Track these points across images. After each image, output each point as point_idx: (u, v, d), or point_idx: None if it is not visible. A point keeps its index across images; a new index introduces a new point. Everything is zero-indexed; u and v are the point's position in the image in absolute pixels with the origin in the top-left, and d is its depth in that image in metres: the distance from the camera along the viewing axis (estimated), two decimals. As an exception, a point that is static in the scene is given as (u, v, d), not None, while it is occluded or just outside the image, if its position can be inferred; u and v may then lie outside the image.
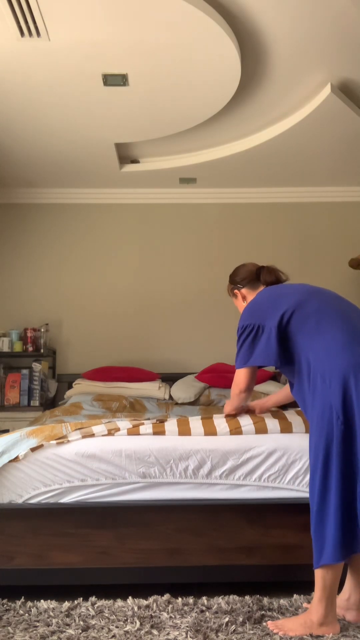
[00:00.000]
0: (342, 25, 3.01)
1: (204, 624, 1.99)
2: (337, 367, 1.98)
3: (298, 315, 2.13)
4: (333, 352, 2.02)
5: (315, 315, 2.12)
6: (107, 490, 2.31)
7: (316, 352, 2.06)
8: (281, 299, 2.20)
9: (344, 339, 2.04)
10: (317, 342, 2.07)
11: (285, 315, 2.14)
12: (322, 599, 1.93)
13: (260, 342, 2.16)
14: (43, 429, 2.42)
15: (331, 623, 1.93)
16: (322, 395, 1.99)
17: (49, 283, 5.10)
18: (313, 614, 1.94)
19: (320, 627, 1.91)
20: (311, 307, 2.15)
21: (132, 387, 4.46)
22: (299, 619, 1.96)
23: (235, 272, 2.54)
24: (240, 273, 2.51)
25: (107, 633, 1.93)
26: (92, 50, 3.14)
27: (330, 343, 2.04)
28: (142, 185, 5.07)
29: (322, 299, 2.20)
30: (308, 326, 2.11)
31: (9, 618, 2.05)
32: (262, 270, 2.45)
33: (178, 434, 2.37)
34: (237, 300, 2.53)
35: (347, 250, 5.05)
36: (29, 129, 4.04)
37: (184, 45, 3.11)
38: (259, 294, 2.35)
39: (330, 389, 1.97)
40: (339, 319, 2.11)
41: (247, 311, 2.28)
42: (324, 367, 2.01)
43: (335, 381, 1.97)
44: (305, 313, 2.13)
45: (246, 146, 4.35)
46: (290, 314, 2.14)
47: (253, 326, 2.19)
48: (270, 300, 2.24)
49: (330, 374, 1.99)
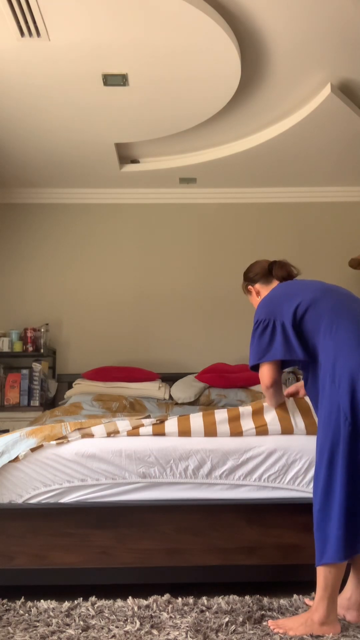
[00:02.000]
0: (342, 25, 3.01)
1: (204, 624, 1.99)
2: (347, 369, 1.98)
3: (311, 314, 2.13)
4: (344, 354, 2.01)
5: (329, 315, 2.11)
6: (107, 490, 2.31)
7: (327, 352, 2.05)
8: (295, 296, 2.20)
9: (353, 341, 2.03)
10: (328, 342, 2.06)
11: (298, 312, 2.14)
12: (324, 598, 1.93)
13: (277, 336, 2.14)
14: (42, 429, 2.42)
15: (332, 623, 1.92)
16: (330, 396, 1.99)
17: (49, 283, 5.10)
18: (314, 613, 1.94)
19: (321, 626, 1.91)
20: (325, 306, 2.14)
21: (132, 387, 4.46)
22: (299, 618, 1.96)
23: (249, 269, 2.55)
24: (254, 269, 2.52)
25: (107, 633, 1.93)
26: (92, 50, 3.14)
27: (342, 344, 2.03)
28: (142, 185, 5.07)
29: (337, 298, 2.19)
30: (321, 325, 2.10)
31: (9, 618, 2.05)
32: (274, 265, 2.46)
33: (178, 434, 2.37)
34: (251, 296, 2.54)
35: (347, 250, 5.05)
36: (29, 129, 4.04)
37: (184, 45, 3.11)
38: (273, 290, 2.35)
39: (339, 390, 1.97)
40: (353, 320, 2.09)
41: (261, 306, 2.27)
42: (334, 368, 2.01)
43: (344, 382, 1.96)
44: (319, 312, 2.13)
45: (246, 146, 4.35)
46: (304, 311, 2.14)
47: (268, 321, 2.18)
48: (284, 296, 2.23)
49: (340, 375, 1.98)
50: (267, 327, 2.17)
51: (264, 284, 2.48)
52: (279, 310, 2.18)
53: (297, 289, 2.25)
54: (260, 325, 2.20)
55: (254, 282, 2.51)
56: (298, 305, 2.15)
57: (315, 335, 2.11)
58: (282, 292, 2.28)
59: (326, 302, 2.15)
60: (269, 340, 2.16)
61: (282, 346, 2.12)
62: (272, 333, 2.16)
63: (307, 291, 2.21)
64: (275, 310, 2.19)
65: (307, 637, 1.89)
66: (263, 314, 2.21)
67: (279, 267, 2.46)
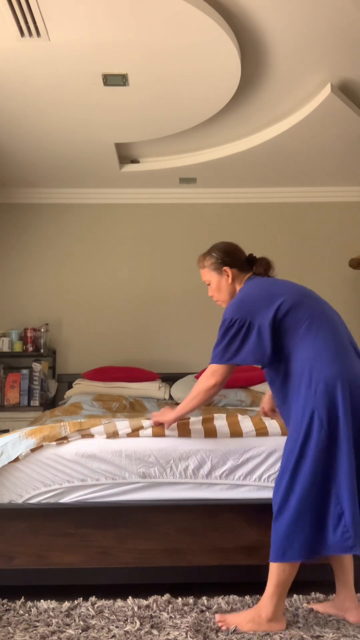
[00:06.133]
0: (342, 25, 3.01)
1: (204, 624, 1.99)
2: (325, 375, 1.96)
3: (292, 316, 2.07)
4: (322, 360, 1.99)
5: (308, 319, 2.07)
6: (107, 490, 2.31)
7: (304, 357, 2.02)
8: (275, 297, 2.11)
9: (334, 348, 2.02)
10: (306, 346, 2.03)
11: (279, 314, 2.07)
12: (274, 595, 1.94)
13: (250, 339, 2.06)
14: (42, 429, 2.41)
15: (279, 619, 1.96)
16: (305, 400, 1.97)
17: (49, 283, 5.10)
18: (262, 609, 1.95)
19: (268, 623, 1.94)
20: (305, 310, 2.09)
21: (132, 387, 4.46)
22: (247, 614, 1.98)
23: (228, 249, 2.36)
24: (235, 253, 2.36)
25: (107, 633, 1.93)
26: (92, 50, 3.14)
27: (321, 350, 2.01)
28: (142, 185, 5.07)
29: (315, 304, 2.15)
30: (300, 329, 2.06)
31: (9, 618, 2.05)
32: (258, 260, 2.35)
33: (178, 436, 2.37)
34: (221, 277, 2.32)
35: (347, 250, 5.05)
36: (29, 129, 4.04)
37: (184, 45, 3.11)
38: (249, 284, 2.24)
39: (316, 396, 1.95)
40: (329, 327, 2.07)
41: (238, 303, 2.15)
42: (312, 373, 1.98)
43: (322, 389, 1.94)
44: (299, 315, 2.08)
45: (246, 146, 4.35)
46: (285, 312, 2.07)
47: (244, 321, 2.08)
48: (263, 296, 2.13)
49: (317, 381, 1.96)
50: (241, 328, 2.08)
51: (239, 272, 2.31)
52: (259, 311, 2.09)
53: (279, 288, 2.17)
54: (235, 325, 2.09)
55: (231, 266, 2.32)
56: (281, 304, 2.08)
57: (292, 337, 2.06)
58: (263, 291, 2.17)
59: (307, 307, 2.11)
60: (241, 343, 2.08)
61: (253, 351, 2.05)
62: (245, 335, 2.07)
63: (289, 292, 2.14)
64: (254, 310, 2.09)
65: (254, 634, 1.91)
66: (240, 313, 2.10)
67: (263, 264, 2.33)
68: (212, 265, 2.35)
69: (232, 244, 2.41)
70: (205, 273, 2.37)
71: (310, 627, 1.97)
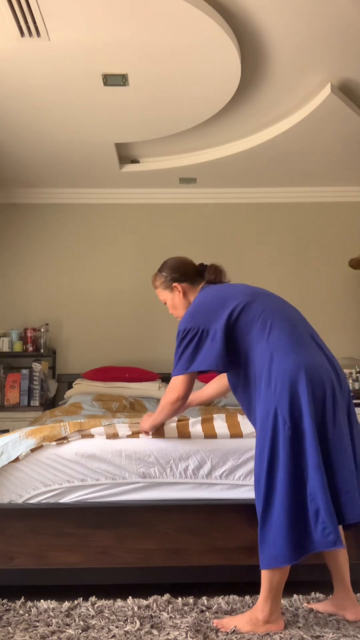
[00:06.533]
0: (342, 25, 3.01)
1: (204, 624, 1.99)
2: (283, 372, 1.95)
3: (244, 317, 2.07)
4: (279, 356, 1.98)
5: (261, 317, 2.07)
6: (107, 490, 2.31)
7: (262, 355, 2.02)
8: (227, 301, 2.11)
9: (289, 342, 2.01)
10: (262, 345, 2.03)
11: (232, 317, 2.07)
12: (268, 598, 1.95)
13: (204, 346, 2.06)
14: (42, 429, 2.41)
15: (276, 620, 1.95)
16: (266, 400, 1.96)
17: (49, 283, 5.10)
18: (259, 612, 1.95)
19: (265, 624, 1.94)
20: (257, 308, 2.09)
21: (132, 387, 4.46)
22: (244, 617, 1.98)
23: (176, 265, 2.37)
24: (183, 267, 2.36)
25: (107, 633, 1.93)
26: (92, 50, 3.14)
27: (276, 346, 2.00)
28: (142, 185, 5.07)
29: (267, 300, 2.15)
30: (254, 328, 2.06)
31: (9, 618, 2.05)
32: (207, 268, 2.35)
33: (177, 437, 2.37)
34: (173, 294, 2.34)
35: (347, 250, 5.04)
36: (29, 129, 4.04)
37: (184, 45, 3.11)
38: (202, 293, 2.24)
39: (276, 393, 1.94)
40: (285, 322, 2.07)
41: (191, 313, 2.15)
42: (270, 371, 1.97)
43: (281, 385, 1.94)
44: (252, 315, 2.08)
45: (246, 146, 4.35)
46: (237, 315, 2.07)
47: (197, 330, 2.08)
48: (216, 302, 2.14)
49: (276, 377, 1.95)
50: (194, 337, 2.08)
51: (191, 285, 2.32)
52: (213, 317, 2.09)
53: (231, 293, 2.16)
54: (188, 335, 2.09)
55: (181, 281, 2.33)
56: (234, 309, 2.08)
57: (247, 339, 2.06)
58: (215, 298, 2.17)
59: (258, 305, 2.10)
60: (194, 350, 2.08)
61: (208, 356, 2.05)
62: (198, 343, 2.08)
63: (240, 295, 2.14)
64: (208, 318, 2.09)
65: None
66: (192, 322, 2.11)
67: (213, 271, 2.33)
68: (162, 285, 2.38)
69: (179, 258, 2.42)
70: (160, 293, 2.40)
71: (310, 627, 1.97)
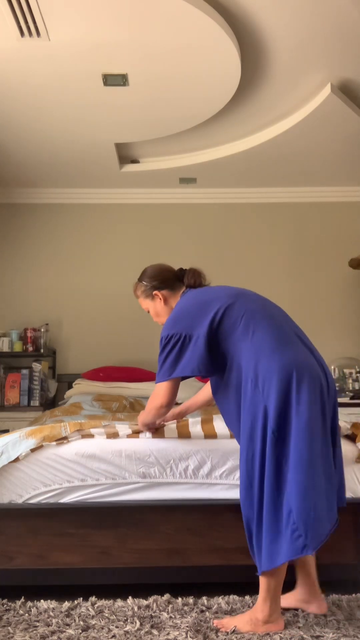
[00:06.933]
0: (342, 25, 3.01)
1: (204, 624, 1.99)
2: (269, 371, 1.94)
3: (227, 320, 2.06)
4: (265, 356, 1.97)
5: (244, 319, 2.05)
6: (107, 490, 2.31)
7: (247, 357, 2.00)
8: (209, 304, 2.10)
9: (274, 342, 2.00)
10: (247, 345, 2.01)
11: (215, 321, 2.05)
12: (267, 599, 1.95)
13: (187, 351, 2.05)
14: (42, 429, 2.41)
15: (276, 620, 1.95)
16: (253, 400, 1.95)
17: (49, 283, 5.10)
18: (258, 612, 1.95)
19: (265, 624, 1.94)
20: (239, 310, 2.08)
21: (132, 387, 4.46)
22: (244, 617, 1.98)
23: (155, 273, 2.37)
24: (162, 274, 2.36)
25: (107, 633, 1.93)
26: (92, 50, 3.14)
27: (261, 346, 1.99)
28: (142, 185, 5.07)
29: (248, 300, 2.13)
30: (237, 330, 2.05)
31: (9, 618, 2.05)
32: (186, 273, 2.34)
33: (177, 437, 2.37)
34: (154, 302, 2.35)
35: (347, 250, 5.05)
36: (29, 129, 4.04)
37: (184, 45, 3.11)
38: (183, 299, 2.23)
39: (263, 394, 1.93)
40: (268, 321, 2.06)
41: (173, 319, 2.14)
42: (256, 371, 1.96)
43: (268, 384, 1.92)
44: (234, 317, 2.06)
45: (246, 146, 4.36)
46: (220, 319, 2.06)
47: (180, 335, 2.07)
48: (197, 306, 2.12)
49: (264, 378, 1.94)
50: (177, 343, 2.07)
51: (171, 291, 2.32)
52: (195, 322, 2.07)
53: (212, 296, 2.15)
54: (171, 341, 2.08)
55: (161, 288, 2.32)
56: (216, 312, 2.07)
57: (231, 341, 2.05)
58: (197, 302, 2.15)
59: (239, 307, 2.09)
60: (177, 356, 2.06)
61: (192, 361, 2.04)
62: (181, 348, 2.06)
63: (222, 297, 2.12)
64: (191, 323, 2.08)
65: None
66: (175, 329, 2.09)
67: (192, 275, 2.32)
68: (143, 294, 2.38)
69: (158, 266, 2.42)
70: (142, 302, 2.42)
71: (310, 627, 1.97)
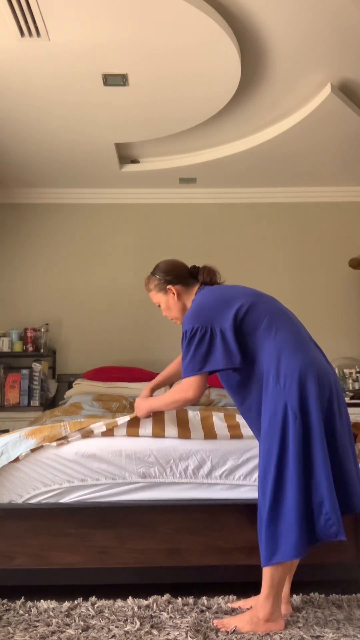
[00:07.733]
0: (342, 25, 3.01)
1: (204, 624, 1.99)
2: (292, 368, 1.99)
3: (250, 318, 2.10)
4: (287, 353, 2.02)
5: (267, 318, 2.10)
6: (107, 490, 2.31)
7: (269, 353, 2.05)
8: (230, 301, 2.13)
9: (296, 341, 2.06)
10: (270, 342, 2.06)
11: (238, 317, 2.09)
12: (270, 595, 1.95)
13: (217, 344, 2.06)
14: (42, 429, 2.41)
15: (276, 619, 1.96)
16: (275, 396, 1.98)
17: (49, 283, 5.10)
18: (259, 610, 1.96)
19: (266, 623, 1.94)
20: (262, 309, 2.13)
21: (132, 387, 4.46)
22: (244, 616, 1.98)
23: (169, 268, 2.38)
24: (176, 269, 2.37)
25: (107, 633, 1.93)
26: (92, 50, 3.14)
27: (284, 344, 2.05)
28: (142, 185, 5.07)
29: (270, 302, 2.20)
30: (260, 328, 2.09)
31: (9, 618, 2.05)
32: (201, 270, 2.36)
33: (177, 436, 2.37)
34: (167, 296, 2.35)
35: (347, 250, 5.05)
36: (29, 129, 4.04)
37: (184, 45, 3.11)
38: (202, 294, 2.25)
39: (285, 389, 1.97)
40: (289, 322, 2.13)
41: (195, 312, 2.15)
42: (279, 368, 2.01)
43: (291, 381, 1.97)
44: (257, 315, 2.11)
45: (246, 146, 4.36)
46: (243, 316, 2.10)
47: (205, 329, 2.08)
48: (219, 302, 2.15)
49: (285, 374, 1.99)
50: (205, 336, 2.08)
51: (184, 287, 2.33)
52: (218, 317, 2.10)
53: (234, 293, 2.19)
54: (197, 334, 2.08)
55: (175, 283, 2.34)
56: (239, 308, 2.10)
57: (254, 337, 2.09)
58: (217, 297, 2.18)
59: (263, 305, 2.15)
60: (208, 349, 2.07)
61: (222, 355, 2.05)
62: (210, 342, 2.07)
63: (243, 294, 2.17)
64: (213, 317, 2.10)
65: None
66: (198, 322, 2.10)
67: (207, 273, 2.34)
68: (156, 287, 2.38)
69: (172, 261, 2.44)
70: (153, 296, 2.41)
71: (310, 627, 1.97)
